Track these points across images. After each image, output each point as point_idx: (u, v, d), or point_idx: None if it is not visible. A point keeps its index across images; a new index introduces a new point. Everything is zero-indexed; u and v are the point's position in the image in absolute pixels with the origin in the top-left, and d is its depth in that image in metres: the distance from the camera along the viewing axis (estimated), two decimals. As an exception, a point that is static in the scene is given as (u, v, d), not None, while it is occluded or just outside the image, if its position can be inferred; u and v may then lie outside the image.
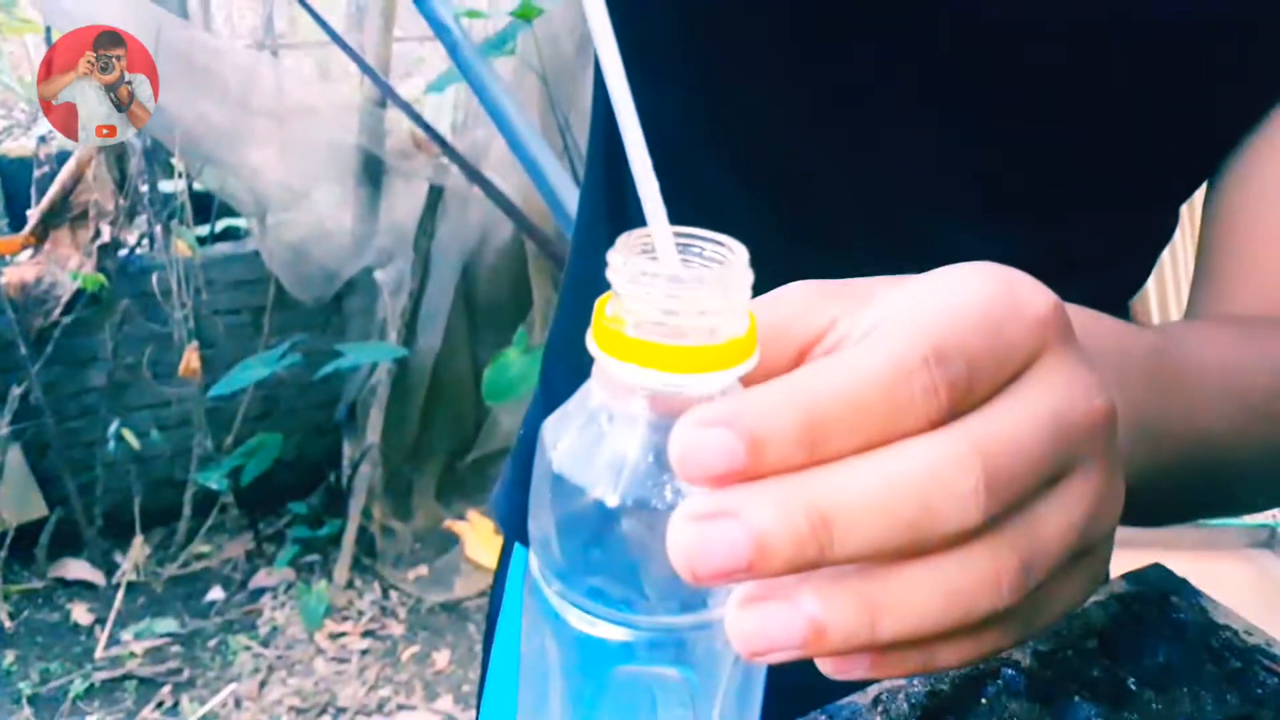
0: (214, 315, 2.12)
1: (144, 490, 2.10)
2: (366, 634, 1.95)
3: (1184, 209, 0.56)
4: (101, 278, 2.00)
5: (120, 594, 1.99)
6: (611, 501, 0.25)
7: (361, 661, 1.89)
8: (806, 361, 0.28)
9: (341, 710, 1.78)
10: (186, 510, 2.12)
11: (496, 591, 0.73)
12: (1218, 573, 1.27)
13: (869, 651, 0.25)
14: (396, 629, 1.97)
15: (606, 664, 0.27)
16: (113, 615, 1.95)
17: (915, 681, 0.48)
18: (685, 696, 0.27)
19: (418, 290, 2.09)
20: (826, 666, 0.26)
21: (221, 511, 2.15)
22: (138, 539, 2.08)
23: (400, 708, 1.79)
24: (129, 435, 2.04)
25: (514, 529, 0.70)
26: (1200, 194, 0.54)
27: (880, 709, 0.46)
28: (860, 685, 0.48)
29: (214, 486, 2.05)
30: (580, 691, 0.28)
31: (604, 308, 0.26)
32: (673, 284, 0.25)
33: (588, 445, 0.26)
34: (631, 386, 0.26)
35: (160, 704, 1.78)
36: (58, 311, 2.04)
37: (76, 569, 2.06)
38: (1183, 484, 0.44)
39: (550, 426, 0.28)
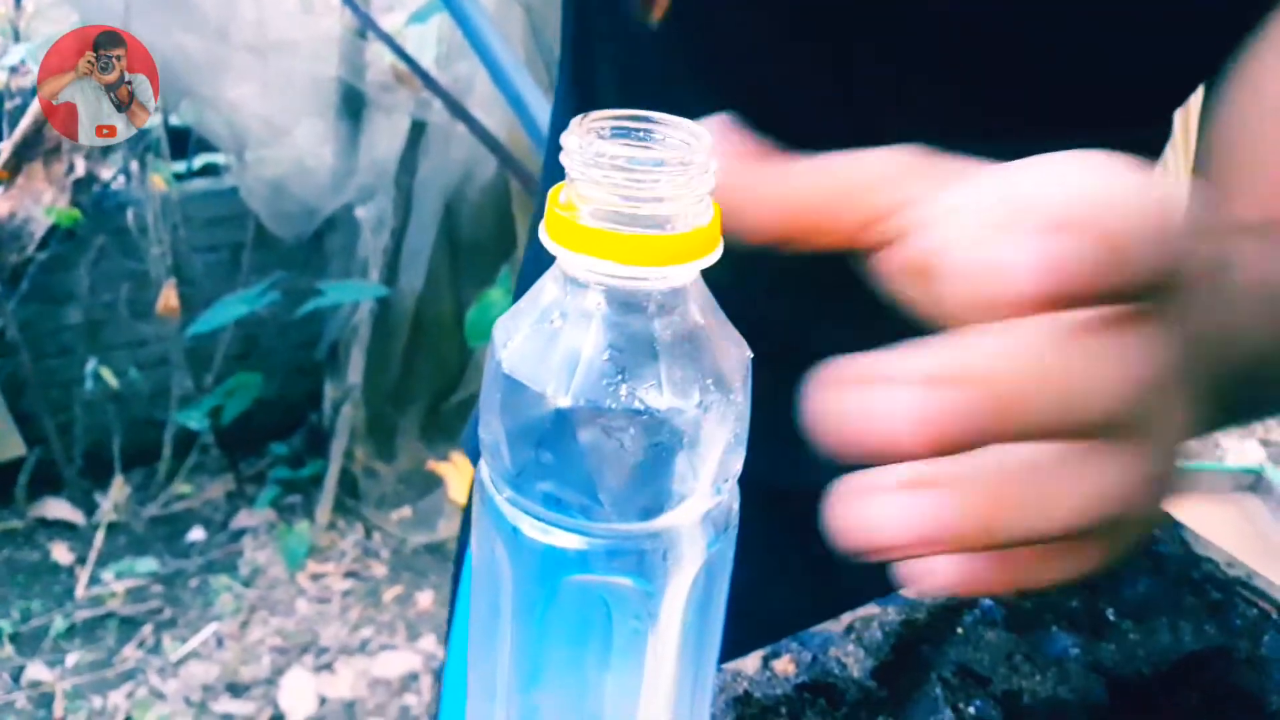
0: (192, 252, 2.09)
1: (123, 430, 2.08)
2: (349, 574, 1.95)
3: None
4: (76, 213, 1.96)
5: (101, 534, 1.98)
6: (563, 402, 0.24)
7: (344, 602, 1.89)
8: (874, 235, 0.27)
9: (324, 650, 1.78)
10: (166, 450, 2.11)
11: (465, 529, 0.72)
12: (1202, 515, 1.27)
13: (972, 556, 0.24)
14: (379, 570, 1.97)
15: (559, 573, 0.25)
16: (93, 555, 1.94)
17: (890, 610, 0.47)
18: (641, 610, 0.26)
19: (399, 228, 2.06)
20: (917, 572, 0.25)
21: (202, 452, 2.13)
22: (118, 479, 2.06)
23: (383, 648, 1.79)
24: (107, 374, 2.01)
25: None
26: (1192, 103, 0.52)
27: (854, 637, 0.45)
28: (831, 614, 0.47)
29: (194, 426, 2.04)
30: (532, 604, 0.26)
31: (558, 196, 0.24)
32: (632, 168, 0.23)
33: (540, 344, 0.25)
34: (586, 279, 0.24)
35: (142, 643, 1.78)
36: (32, 247, 2.00)
37: (56, 508, 2.04)
38: None
39: (501, 326, 0.26)
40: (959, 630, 0.47)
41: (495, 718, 0.31)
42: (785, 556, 0.56)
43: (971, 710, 0.43)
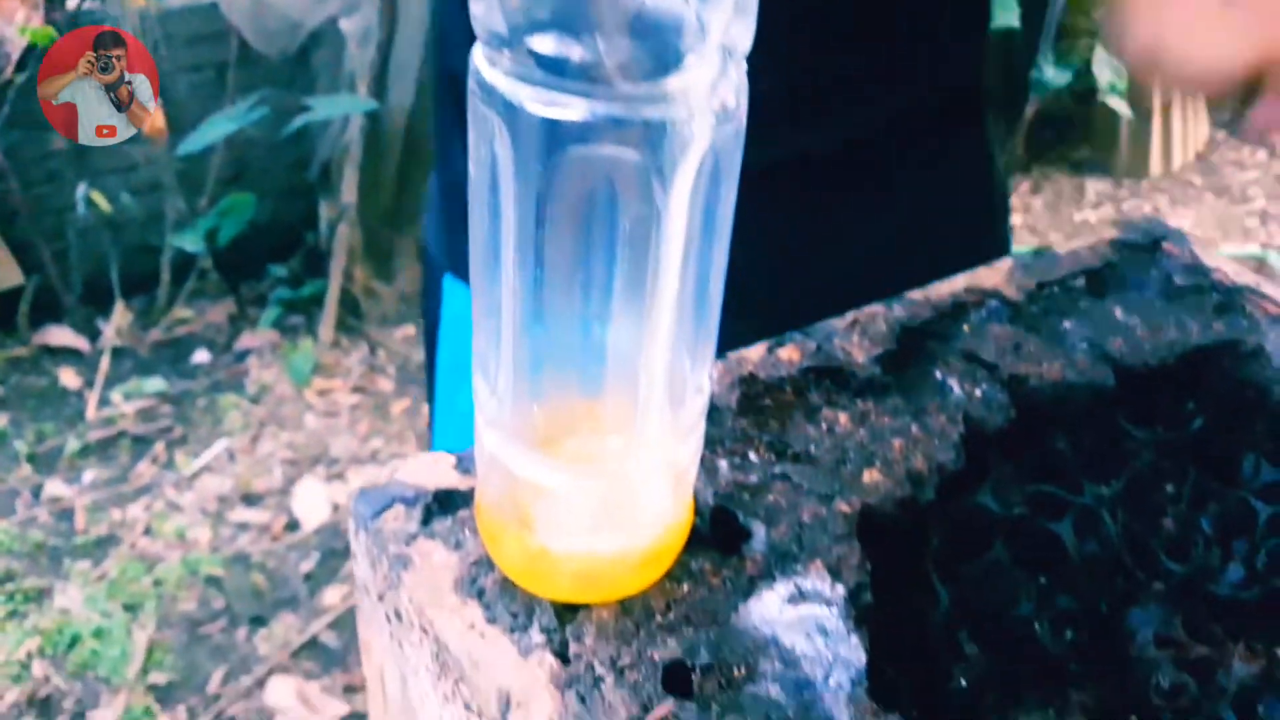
0: (176, 72, 2.03)
1: (120, 255, 2.06)
2: (356, 390, 1.97)
3: None
4: (51, 31, 1.89)
5: (106, 358, 1.99)
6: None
7: (352, 415, 1.91)
8: None
9: (334, 460, 1.81)
10: (165, 275, 2.10)
11: (430, 332, 0.70)
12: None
13: None
14: (386, 385, 1.99)
15: (563, 148, 0.24)
16: (100, 379, 1.96)
17: (895, 308, 0.47)
18: (648, 192, 0.25)
19: (385, 41, 1.99)
20: None
21: (201, 276, 2.12)
22: (119, 304, 2.06)
23: (393, 457, 1.82)
24: (99, 199, 1.98)
25: (448, 259, 0.67)
26: None
27: (859, 330, 0.45)
28: (835, 312, 0.47)
29: (190, 249, 2.02)
30: (536, 196, 0.26)
31: None
32: None
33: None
34: None
35: (155, 459, 1.81)
36: (9, 69, 1.94)
37: (60, 335, 2.05)
38: None
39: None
40: (965, 326, 0.47)
41: (501, 358, 0.31)
42: (788, 233, 0.56)
43: (979, 393, 0.43)
